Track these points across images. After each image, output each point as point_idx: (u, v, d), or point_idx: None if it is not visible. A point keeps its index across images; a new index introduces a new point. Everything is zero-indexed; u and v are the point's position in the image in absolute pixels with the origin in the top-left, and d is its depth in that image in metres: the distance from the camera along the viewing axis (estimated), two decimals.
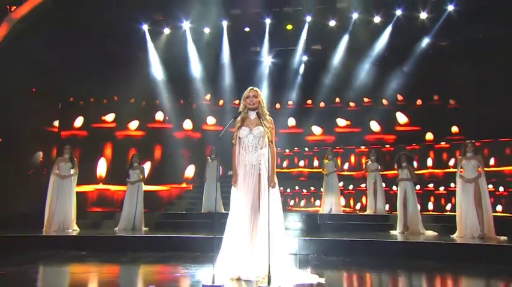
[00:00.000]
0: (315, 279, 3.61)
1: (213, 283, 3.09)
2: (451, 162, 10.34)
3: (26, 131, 10.55)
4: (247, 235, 3.51)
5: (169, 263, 4.79)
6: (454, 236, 6.73)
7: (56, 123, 11.78)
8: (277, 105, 12.97)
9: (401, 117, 12.25)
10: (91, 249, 5.68)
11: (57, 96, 11.84)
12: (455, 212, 6.96)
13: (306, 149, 12.36)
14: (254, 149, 3.66)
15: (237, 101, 12.83)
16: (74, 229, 7.24)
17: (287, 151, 12.49)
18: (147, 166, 11.29)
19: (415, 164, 10.59)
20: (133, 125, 12.43)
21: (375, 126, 12.43)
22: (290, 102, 13.00)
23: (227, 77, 12.60)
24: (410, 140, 11.45)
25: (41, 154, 10.89)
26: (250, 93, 3.78)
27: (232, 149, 3.80)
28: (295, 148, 12.45)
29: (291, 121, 12.99)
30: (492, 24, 9.87)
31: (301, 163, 12.31)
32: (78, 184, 10.98)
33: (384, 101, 12.32)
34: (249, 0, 11.51)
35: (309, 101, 12.90)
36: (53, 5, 9.90)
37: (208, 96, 12.89)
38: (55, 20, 10.03)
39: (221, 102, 13.09)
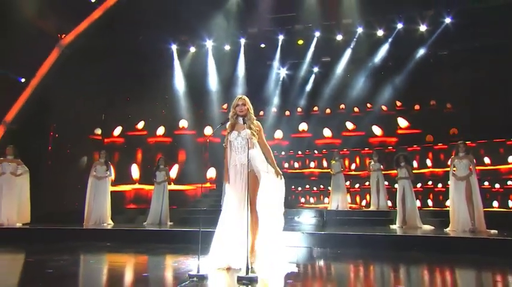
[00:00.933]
0: (291, 268, 3.56)
1: (198, 272, 3.10)
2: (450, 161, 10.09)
3: (75, 138, 11.18)
4: (237, 228, 3.48)
5: (175, 254, 4.85)
6: (447, 230, 6.67)
7: (98, 131, 12.38)
8: (287, 113, 13.04)
9: (403, 121, 12.06)
10: (117, 240, 5.90)
11: (100, 108, 12.48)
12: None
13: (316, 151, 12.38)
14: (243, 150, 3.64)
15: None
16: (109, 223, 7.55)
17: (299, 152, 12.55)
18: (174, 168, 11.66)
19: (415, 164, 10.47)
20: (161, 131, 12.84)
21: (377, 130, 12.31)
22: (299, 109, 13.03)
23: (245, 88, 12.78)
24: (411, 142, 11.27)
25: (86, 158, 11.45)
26: (239, 101, 3.78)
27: (224, 152, 3.87)
28: (307, 151, 12.49)
29: (302, 126, 12.99)
30: (485, 35, 9.60)
31: (312, 164, 12.32)
32: (117, 184, 11.59)
33: (386, 107, 12.19)
34: (264, 19, 11.71)
35: (316, 108, 12.90)
36: (95, 31, 10.48)
37: (225, 105, 13.13)
38: (97, 44, 10.57)
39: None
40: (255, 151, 3.66)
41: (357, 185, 11.24)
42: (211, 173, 12.49)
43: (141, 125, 12.84)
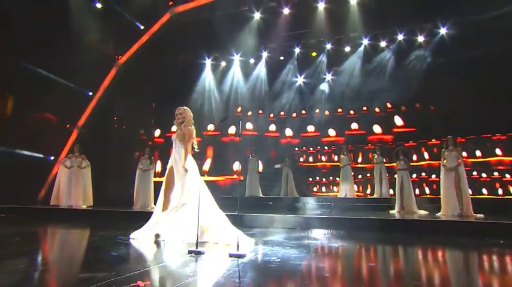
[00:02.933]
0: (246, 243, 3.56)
1: (196, 248, 3.01)
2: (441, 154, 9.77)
3: (129, 138, 11.82)
4: (160, 207, 3.94)
5: None
6: (439, 214, 6.48)
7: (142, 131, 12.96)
8: (294, 115, 12.91)
9: (399, 121, 11.61)
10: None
11: (148, 114, 13.07)
12: None
13: (326, 147, 12.24)
14: (173, 148, 4.11)
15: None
16: (152, 207, 7.70)
17: (311, 149, 12.46)
18: (207, 162, 11.91)
19: (414, 157, 10.11)
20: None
21: (377, 128, 11.93)
22: (307, 111, 12.91)
23: (266, 94, 12.82)
24: (407, 138, 10.86)
25: (137, 154, 11.98)
26: (177, 111, 4.19)
27: None
28: (318, 147, 12.33)
29: (310, 127, 12.77)
30: (477, 45, 9.08)
31: (323, 158, 12.17)
32: (162, 175, 12.00)
33: (385, 107, 11.80)
34: (282, 36, 11.76)
35: (318, 110, 12.69)
36: (144, 52, 11.00)
37: (239, 109, 13.05)
38: (145, 62, 11.08)
39: (260, 111, 13.35)
40: (181, 151, 3.99)
41: (359, 176, 10.98)
42: (236, 166, 12.54)
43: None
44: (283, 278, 2.48)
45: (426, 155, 10.45)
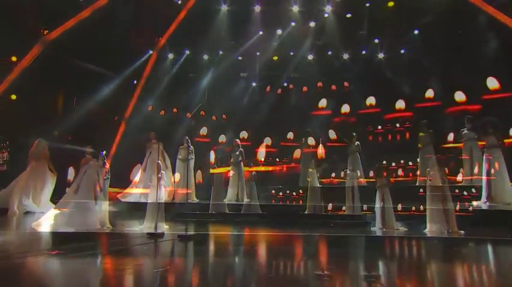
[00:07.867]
0: None
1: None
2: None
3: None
4: None
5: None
6: (426, 231, 7.05)
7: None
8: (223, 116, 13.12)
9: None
10: None
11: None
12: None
13: (277, 159, 12.21)
14: None
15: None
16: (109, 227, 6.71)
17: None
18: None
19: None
20: None
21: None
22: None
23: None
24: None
25: None
26: None
27: None
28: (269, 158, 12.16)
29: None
30: None
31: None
32: None
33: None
34: (242, 35, 11.71)
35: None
36: (82, 31, 9.33)
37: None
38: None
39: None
40: None
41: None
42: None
43: None
44: None
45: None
